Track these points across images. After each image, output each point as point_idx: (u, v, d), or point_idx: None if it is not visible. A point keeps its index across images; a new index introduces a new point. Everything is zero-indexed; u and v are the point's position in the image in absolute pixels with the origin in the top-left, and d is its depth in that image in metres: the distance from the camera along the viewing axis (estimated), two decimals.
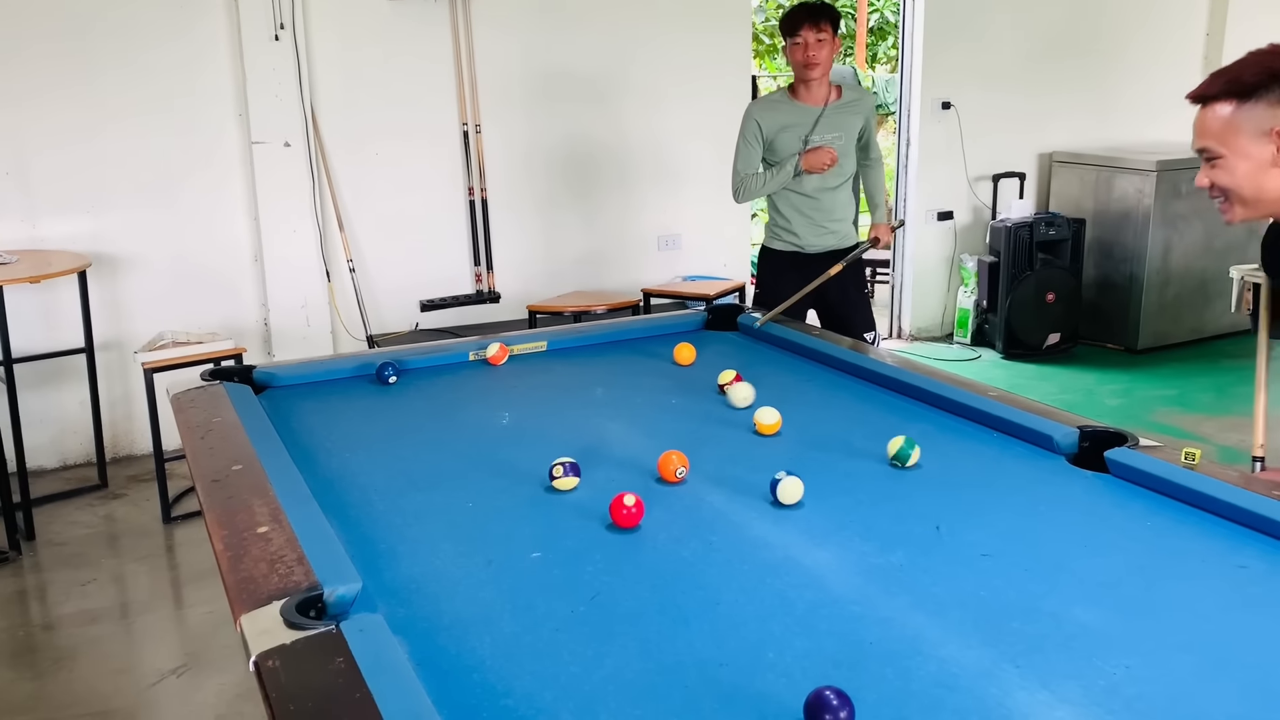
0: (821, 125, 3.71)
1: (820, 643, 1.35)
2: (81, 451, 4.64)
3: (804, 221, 3.81)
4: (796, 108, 3.74)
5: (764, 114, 3.78)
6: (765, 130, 3.75)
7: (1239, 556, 1.58)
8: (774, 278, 3.89)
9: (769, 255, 3.94)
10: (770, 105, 3.82)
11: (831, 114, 3.72)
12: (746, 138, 3.79)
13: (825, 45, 3.63)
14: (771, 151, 3.77)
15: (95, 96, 4.42)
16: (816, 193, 3.77)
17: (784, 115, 3.74)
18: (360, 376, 2.57)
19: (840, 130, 3.75)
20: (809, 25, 3.60)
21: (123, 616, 3.46)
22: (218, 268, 4.75)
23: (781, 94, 3.85)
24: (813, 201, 3.78)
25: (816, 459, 2.02)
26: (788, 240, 3.86)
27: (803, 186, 3.75)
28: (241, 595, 1.39)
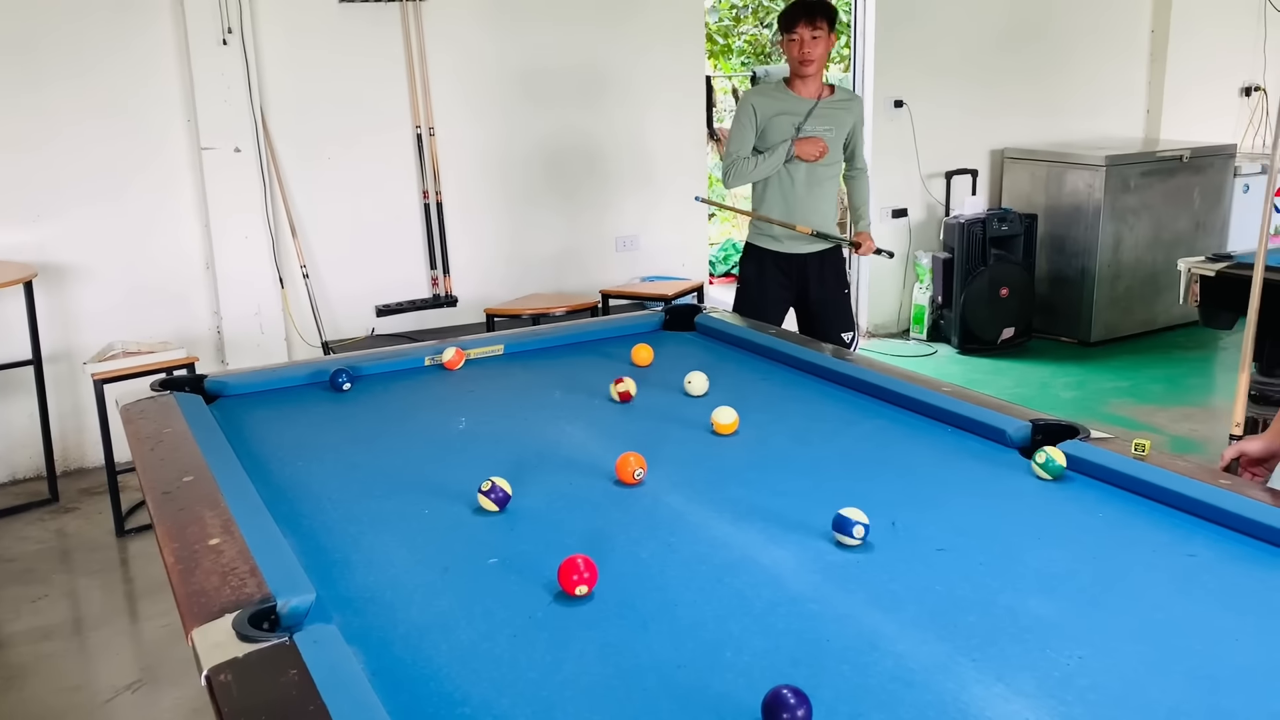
0: (814, 117, 3.79)
1: (778, 641, 1.35)
2: (31, 465, 4.55)
3: (784, 213, 3.86)
4: (792, 98, 3.83)
5: (760, 100, 3.87)
6: (760, 116, 3.81)
7: (1188, 545, 1.60)
8: (758, 273, 3.96)
9: (754, 252, 3.98)
10: (767, 92, 3.92)
11: (824, 108, 3.81)
12: (742, 121, 3.86)
13: (820, 42, 3.72)
14: (764, 139, 3.83)
15: (39, 104, 4.34)
16: (801, 186, 3.84)
17: (779, 103, 3.82)
18: (314, 384, 2.54)
19: (831, 125, 3.83)
20: (805, 22, 3.69)
21: (76, 632, 3.40)
22: (168, 276, 4.68)
23: (778, 84, 3.94)
24: (794, 195, 3.84)
25: (774, 457, 2.03)
26: (770, 235, 3.91)
27: (789, 177, 3.82)
28: (193, 608, 1.37)
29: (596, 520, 1.75)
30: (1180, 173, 6.14)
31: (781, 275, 3.93)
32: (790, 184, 3.85)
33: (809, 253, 3.90)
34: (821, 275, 3.93)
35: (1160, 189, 6.11)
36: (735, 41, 11.91)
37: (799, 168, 3.81)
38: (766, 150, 3.82)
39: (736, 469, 1.97)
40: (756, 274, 3.96)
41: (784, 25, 3.78)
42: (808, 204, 3.86)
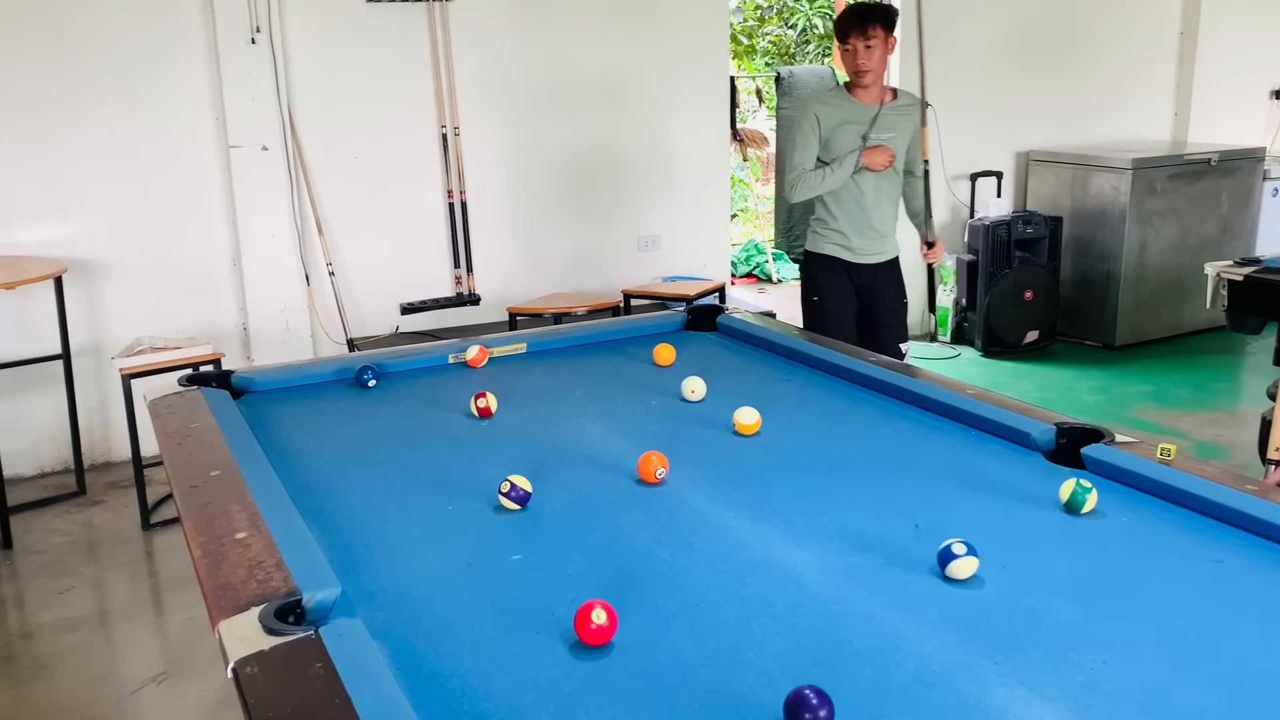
0: (878, 125, 3.61)
1: (800, 642, 1.36)
2: (59, 459, 4.60)
3: (852, 224, 3.70)
4: (854, 105, 3.64)
5: (823, 108, 3.66)
6: (823, 125, 3.63)
7: (1215, 551, 1.59)
8: (831, 284, 3.77)
9: (819, 261, 3.80)
10: (829, 100, 3.70)
11: (887, 115, 3.63)
12: (805, 131, 3.66)
13: (876, 50, 3.55)
14: (826, 149, 3.65)
15: (70, 102, 4.39)
16: (870, 194, 3.66)
17: (842, 111, 3.64)
18: (339, 380, 2.56)
19: (895, 131, 3.65)
20: (856, 33, 3.52)
21: (102, 624, 3.44)
22: (196, 272, 4.72)
23: (839, 90, 3.77)
24: (864, 203, 3.67)
25: (796, 458, 2.03)
26: (837, 243, 3.73)
27: (857, 187, 3.65)
28: (219, 601, 1.39)
29: (618, 519, 1.75)
30: (1208, 176, 6.09)
31: (851, 286, 3.76)
32: (859, 194, 3.66)
33: (878, 262, 3.75)
34: (886, 285, 3.79)
35: (1187, 192, 6.06)
36: (759, 42, 11.88)
37: (867, 177, 3.63)
38: (833, 161, 3.62)
39: (758, 469, 1.97)
40: (830, 285, 3.77)
41: (837, 35, 3.60)
42: (876, 214, 3.69)
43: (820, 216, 3.77)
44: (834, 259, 3.75)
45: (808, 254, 3.85)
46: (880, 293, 3.79)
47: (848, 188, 3.65)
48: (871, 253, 3.74)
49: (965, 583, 1.49)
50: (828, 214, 3.73)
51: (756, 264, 8.49)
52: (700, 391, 2.35)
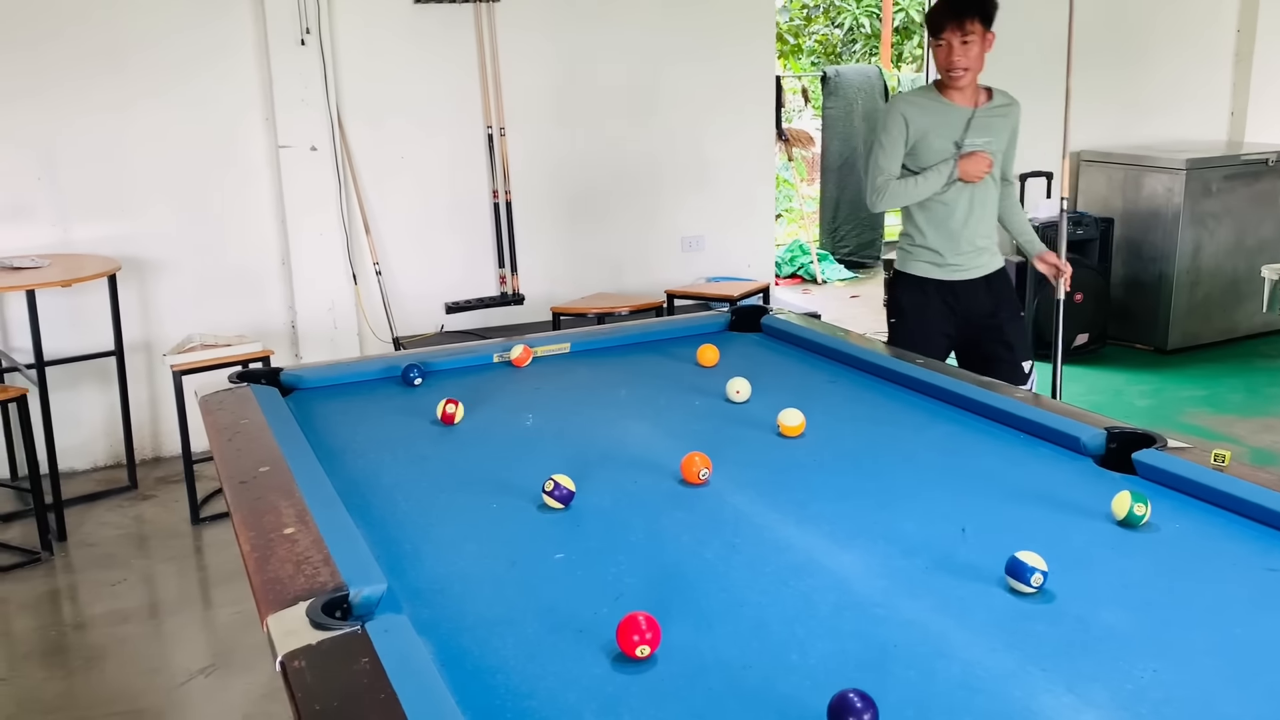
0: (973, 129, 3.26)
1: (844, 645, 1.35)
2: (111, 453, 4.69)
3: (945, 240, 3.32)
4: (947, 107, 3.28)
5: (912, 110, 3.29)
6: (912, 128, 3.27)
7: (1269, 559, 1.56)
8: (918, 305, 3.39)
9: (907, 282, 3.42)
10: (919, 102, 3.33)
11: (983, 118, 3.28)
12: (891, 134, 3.29)
13: (973, 45, 3.20)
14: (915, 155, 3.29)
15: (125, 104, 4.48)
16: (964, 206, 3.29)
17: (934, 114, 3.27)
18: (386, 378, 2.59)
19: (991, 136, 3.30)
20: (953, 25, 3.17)
21: (152, 616, 3.50)
22: (245, 270, 4.80)
23: (930, 90, 3.37)
24: (958, 217, 3.30)
25: (841, 460, 2.02)
26: (928, 260, 3.36)
27: (949, 198, 3.28)
28: (268, 596, 1.40)
29: (661, 519, 1.75)
30: (1265, 176, 5.97)
31: (944, 305, 3.36)
32: (951, 207, 3.29)
33: (977, 277, 3.36)
34: (991, 299, 3.37)
35: (1244, 193, 5.94)
36: (805, 41, 11.83)
37: (961, 188, 3.26)
38: (923, 170, 3.26)
39: (802, 471, 1.96)
40: (915, 306, 3.39)
41: (930, 28, 3.28)
42: (971, 228, 3.31)
43: (907, 231, 3.41)
44: (923, 279, 3.37)
45: (895, 273, 3.50)
46: (986, 309, 3.37)
47: (937, 200, 3.29)
48: (970, 267, 3.35)
49: (1012, 589, 1.47)
50: (915, 229, 3.37)
51: (801, 265, 8.45)
52: (745, 392, 2.35)
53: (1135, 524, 1.66)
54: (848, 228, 8.66)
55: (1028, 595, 1.45)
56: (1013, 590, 1.47)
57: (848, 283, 8.38)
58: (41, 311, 3.96)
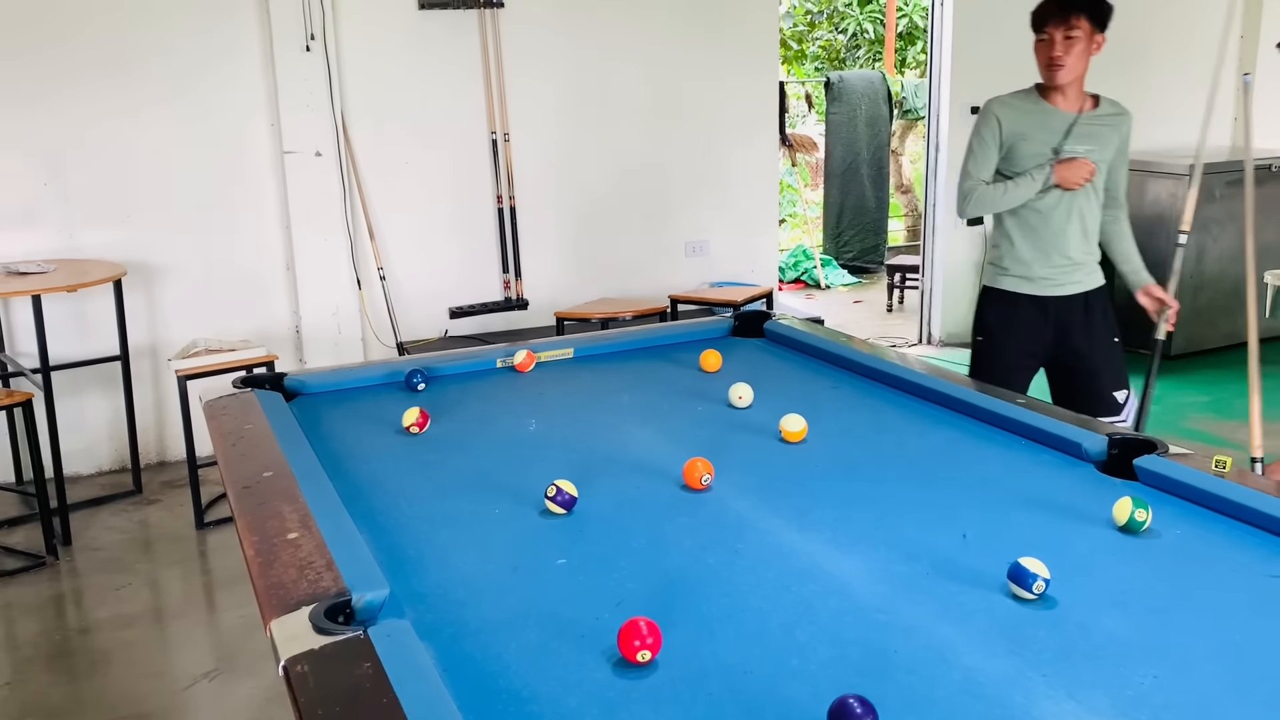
0: (1074, 135, 3.04)
1: (845, 650, 1.35)
2: (116, 458, 4.70)
3: (1036, 251, 3.10)
4: (1046, 110, 3.08)
5: (1007, 113, 3.10)
6: (1006, 132, 3.08)
7: (1271, 566, 1.56)
8: (1004, 323, 3.17)
9: (994, 298, 3.19)
10: (1014, 104, 3.12)
11: (1087, 124, 3.06)
12: (983, 137, 3.11)
13: (1077, 42, 2.99)
14: (1009, 161, 3.09)
15: (131, 108, 4.50)
16: (1060, 215, 3.07)
17: (1030, 118, 3.08)
18: (390, 384, 2.59)
19: (1095, 144, 3.06)
20: (1055, 20, 2.99)
21: (157, 621, 3.51)
22: (250, 276, 4.81)
23: (1028, 93, 3.15)
24: (1052, 226, 3.08)
25: (842, 466, 2.03)
26: (1018, 274, 3.13)
27: (1044, 205, 3.06)
28: (271, 600, 1.41)
29: (663, 525, 1.76)
30: (1269, 182, 5.96)
31: (1035, 325, 3.13)
32: (1045, 215, 3.07)
33: (1074, 294, 3.11)
34: (1088, 320, 3.14)
35: None
36: (809, 47, 11.84)
37: (1059, 196, 3.04)
38: (1017, 175, 3.07)
39: (804, 476, 1.96)
40: (1003, 324, 3.16)
41: (1033, 23, 3.09)
42: (1067, 240, 3.07)
43: (997, 243, 3.19)
44: (1013, 295, 3.14)
45: (983, 289, 3.26)
46: (1079, 328, 3.14)
47: (1031, 207, 3.07)
48: (1063, 282, 3.11)
49: (1013, 595, 1.47)
50: (1005, 239, 3.15)
51: (805, 270, 8.46)
52: (747, 398, 2.35)
53: (1136, 530, 1.66)
54: (851, 233, 8.67)
55: (1029, 601, 1.46)
56: (1014, 596, 1.47)
57: (851, 288, 8.39)
58: (47, 316, 3.97)
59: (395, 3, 4.83)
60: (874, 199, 8.62)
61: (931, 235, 6.31)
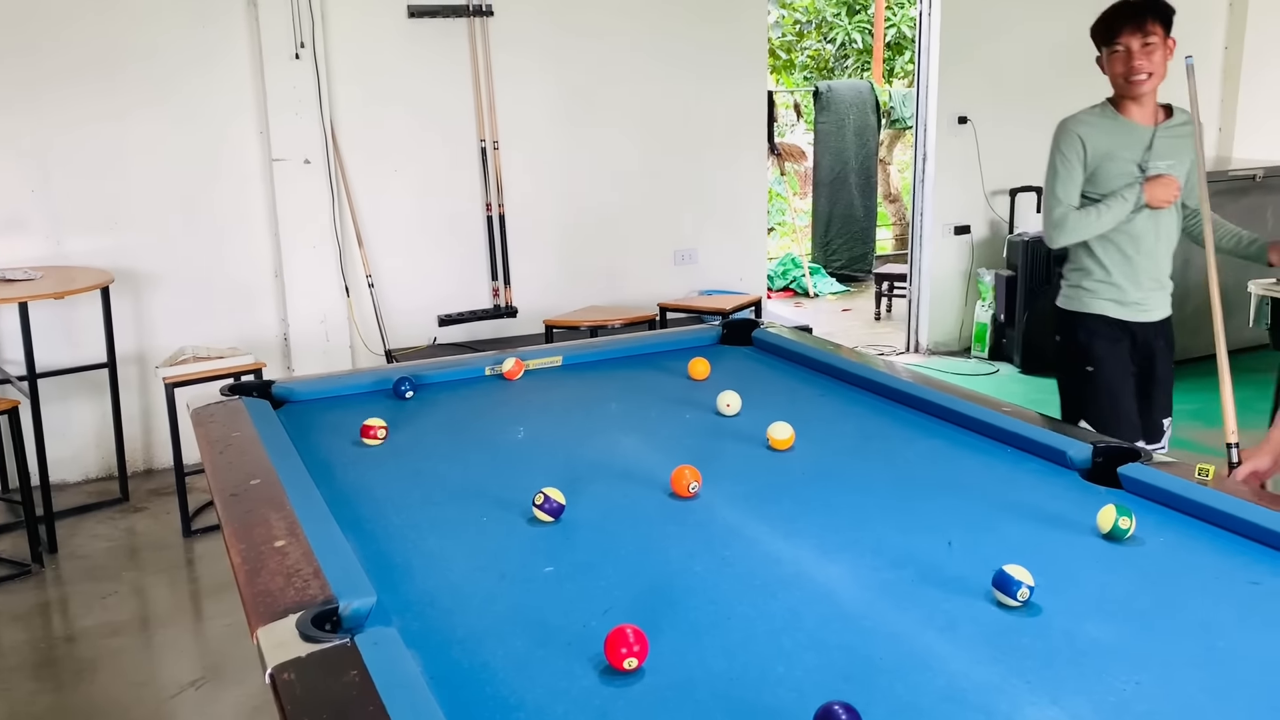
0: (1156, 150, 2.93)
1: (830, 657, 1.36)
2: (103, 465, 4.68)
3: (1128, 274, 2.98)
4: (1126, 126, 2.95)
5: (1089, 131, 2.96)
6: (1090, 152, 2.94)
7: (1252, 573, 1.58)
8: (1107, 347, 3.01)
9: (1092, 324, 3.02)
10: (1093, 122, 2.99)
11: (1165, 137, 2.95)
12: (1068, 159, 2.96)
13: (1156, 49, 2.87)
14: (1094, 182, 2.95)
15: (119, 116, 4.49)
16: (1149, 236, 2.95)
17: (1113, 135, 2.95)
18: (377, 391, 2.59)
19: (1175, 158, 2.96)
20: (1131, 27, 2.85)
21: (143, 629, 3.49)
22: (238, 283, 4.80)
23: (1103, 108, 3.02)
24: (1141, 248, 2.97)
25: (829, 474, 2.03)
26: (1109, 298, 3.00)
27: (1134, 228, 2.94)
28: (258, 608, 1.41)
29: (651, 532, 1.76)
30: (1253, 192, 6.00)
31: (1126, 350, 3.02)
32: (1134, 237, 2.95)
33: (1158, 319, 3.04)
34: (1161, 349, 3.08)
35: (1232, 209, 5.95)
36: (798, 56, 11.89)
37: (1147, 216, 2.93)
38: (1105, 197, 2.93)
39: (792, 484, 1.97)
40: (1108, 351, 3.01)
41: (1103, 36, 2.94)
42: (1156, 262, 2.99)
43: (1083, 266, 3.04)
44: (1109, 319, 3.01)
45: (1066, 314, 3.09)
46: (1158, 354, 3.08)
47: (1121, 230, 2.95)
48: (1151, 307, 3.03)
49: (998, 602, 1.48)
50: (1094, 262, 3.00)
51: (793, 278, 8.48)
52: (735, 406, 2.36)
53: (1120, 538, 1.68)
54: (839, 241, 8.71)
55: (1013, 608, 1.47)
56: (999, 603, 1.48)
57: (839, 296, 8.42)
58: (34, 324, 3.96)
59: (385, 10, 4.84)
60: (862, 208, 8.66)
61: (919, 244, 6.33)
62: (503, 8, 5.01)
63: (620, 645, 1.32)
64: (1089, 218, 2.94)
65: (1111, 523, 1.67)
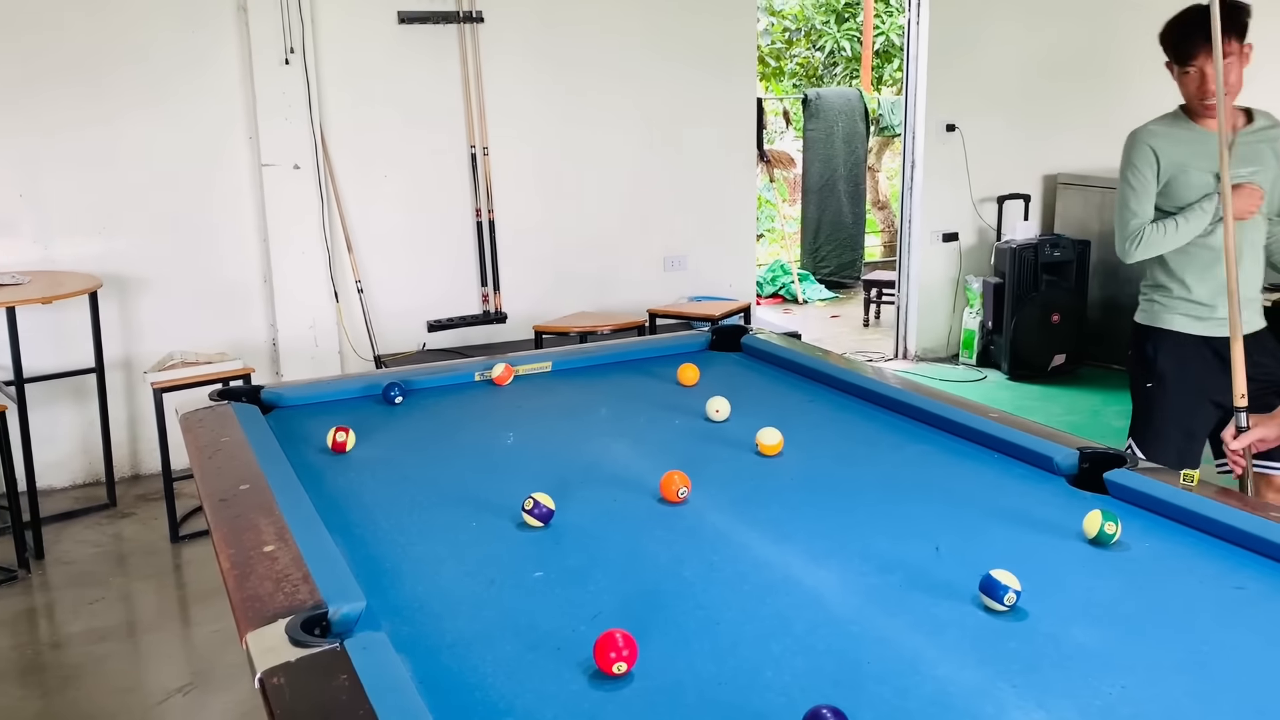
0: (1236, 157, 2.71)
1: (818, 662, 1.36)
2: (91, 470, 4.67)
3: (1212, 288, 2.82)
4: (1201, 135, 2.81)
5: (1161, 143, 2.84)
6: (1164, 164, 2.82)
7: (1237, 578, 1.59)
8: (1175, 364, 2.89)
9: (1163, 339, 2.91)
10: (1166, 132, 2.86)
11: (1245, 143, 2.79)
12: (1140, 171, 2.84)
13: (1234, 65, 2.70)
14: (1168, 195, 2.83)
15: (107, 118, 4.48)
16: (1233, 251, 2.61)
17: (1187, 145, 2.81)
18: (367, 397, 2.59)
19: (1257, 163, 2.80)
20: (1208, 48, 2.61)
21: (130, 635, 3.48)
22: (227, 288, 4.79)
23: (1175, 117, 2.89)
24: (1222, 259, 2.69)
25: (818, 479, 2.04)
26: (1189, 314, 2.87)
27: (1215, 240, 2.79)
28: (247, 613, 1.41)
29: (640, 537, 1.77)
30: None
31: (1210, 368, 2.84)
32: (1215, 252, 2.78)
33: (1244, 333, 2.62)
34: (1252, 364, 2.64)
35: None
36: (787, 64, 11.93)
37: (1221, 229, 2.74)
38: (1181, 209, 2.81)
39: (780, 490, 1.98)
40: (1176, 368, 2.88)
41: (1176, 56, 2.80)
42: (1240, 275, 2.65)
43: (1160, 282, 2.93)
44: (1184, 335, 2.88)
45: (1143, 329, 2.99)
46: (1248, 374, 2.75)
47: (1200, 243, 2.82)
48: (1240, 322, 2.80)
49: (985, 606, 1.49)
50: (1171, 277, 2.89)
51: (782, 285, 8.50)
52: (724, 411, 2.37)
53: (1106, 543, 1.69)
54: (828, 248, 8.74)
55: (1000, 613, 1.47)
56: (986, 608, 1.49)
57: (828, 303, 8.44)
58: (21, 328, 3.95)
59: (375, 17, 4.85)
60: (851, 215, 8.69)
61: (907, 251, 6.36)
62: (493, 14, 5.02)
63: (609, 650, 1.32)
64: (1163, 231, 2.82)
65: (1097, 528, 1.68)
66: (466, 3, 4.99)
